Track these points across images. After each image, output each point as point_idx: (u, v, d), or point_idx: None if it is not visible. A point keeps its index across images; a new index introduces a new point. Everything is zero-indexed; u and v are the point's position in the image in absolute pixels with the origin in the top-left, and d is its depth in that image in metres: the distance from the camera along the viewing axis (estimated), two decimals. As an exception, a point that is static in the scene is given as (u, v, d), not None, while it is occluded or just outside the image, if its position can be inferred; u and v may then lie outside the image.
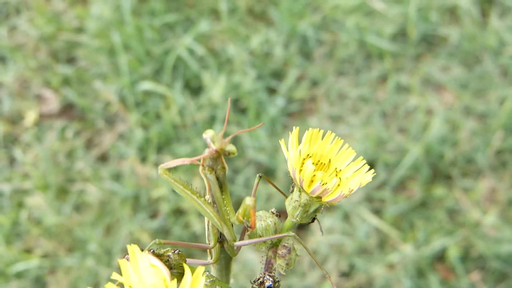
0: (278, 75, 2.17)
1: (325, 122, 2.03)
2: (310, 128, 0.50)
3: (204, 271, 0.39)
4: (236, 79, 2.08)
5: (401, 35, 2.20)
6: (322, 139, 0.50)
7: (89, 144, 2.08)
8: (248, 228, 0.46)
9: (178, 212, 1.90)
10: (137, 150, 2.01)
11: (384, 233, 1.79)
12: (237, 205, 0.46)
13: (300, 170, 0.47)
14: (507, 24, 2.14)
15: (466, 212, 1.81)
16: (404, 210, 1.82)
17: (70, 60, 2.27)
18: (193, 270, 0.44)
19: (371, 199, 1.87)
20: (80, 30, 2.30)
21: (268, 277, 0.46)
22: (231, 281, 0.53)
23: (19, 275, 1.81)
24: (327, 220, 1.82)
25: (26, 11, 2.35)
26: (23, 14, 2.34)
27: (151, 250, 0.44)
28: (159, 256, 0.44)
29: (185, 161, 0.44)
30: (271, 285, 0.45)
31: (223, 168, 0.45)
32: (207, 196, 0.48)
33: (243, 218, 0.45)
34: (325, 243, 1.79)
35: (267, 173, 1.93)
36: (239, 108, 2.07)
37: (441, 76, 2.08)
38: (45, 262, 1.81)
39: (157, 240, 0.45)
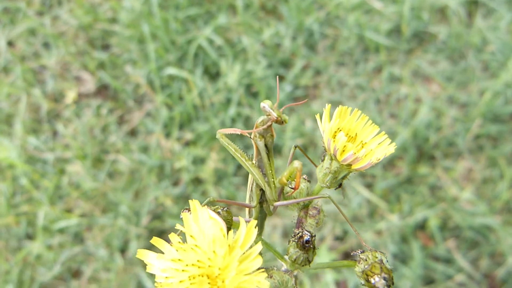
0: (286, 64, 2.18)
1: (326, 106, 2.04)
2: (340, 106, 0.49)
3: (256, 222, 0.39)
4: (249, 67, 2.09)
5: (395, 31, 2.19)
6: (350, 115, 0.50)
7: (120, 121, 2.11)
8: (290, 189, 0.47)
9: (197, 181, 1.94)
10: (162, 127, 2.03)
11: (374, 204, 1.81)
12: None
13: (333, 141, 0.47)
14: (490, 24, 2.13)
15: (446, 188, 1.83)
16: (392, 185, 1.84)
17: (105, 47, 2.29)
18: (236, 226, 0.44)
19: (364, 174, 1.89)
20: (113, 20, 2.31)
21: (306, 231, 0.46)
22: (261, 236, 0.54)
23: (61, 231, 1.86)
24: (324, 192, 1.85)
25: (67, 3, 2.36)
26: (64, 6, 2.35)
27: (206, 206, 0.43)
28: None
29: (239, 131, 0.44)
30: (309, 239, 0.46)
31: (272, 136, 0.45)
32: (254, 160, 0.48)
33: (287, 180, 0.45)
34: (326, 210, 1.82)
35: (276, 150, 1.95)
36: (251, 92, 2.09)
37: (429, 69, 2.08)
38: (83, 220, 1.86)
39: (212, 197, 0.45)
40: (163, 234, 1.85)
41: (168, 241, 0.42)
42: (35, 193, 1.91)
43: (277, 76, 0.47)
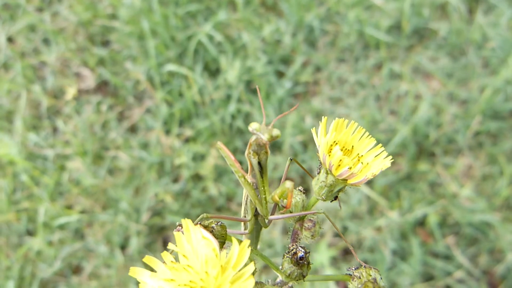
0: (286, 60, 2.18)
1: (326, 103, 2.05)
2: (336, 118, 0.49)
3: (248, 242, 0.39)
4: (249, 63, 2.08)
5: (396, 27, 2.18)
6: (346, 128, 0.50)
7: (120, 117, 2.11)
8: (282, 207, 0.47)
9: (197, 178, 1.94)
10: (162, 123, 2.03)
11: (374, 201, 1.82)
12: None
13: (329, 155, 0.47)
14: (490, 20, 2.12)
15: (446, 185, 1.83)
16: (392, 182, 1.85)
17: (105, 43, 2.28)
18: (231, 239, 0.44)
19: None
20: (113, 16, 2.30)
21: (300, 248, 0.46)
22: (258, 247, 0.54)
23: (61, 227, 1.86)
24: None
25: (66, -2, 2.35)
26: (64, 2, 2.34)
27: (199, 223, 0.44)
28: (205, 227, 0.44)
29: (232, 157, 0.44)
30: (303, 255, 0.46)
31: (266, 153, 0.45)
32: (248, 176, 0.48)
33: (279, 198, 0.45)
34: (322, 207, 1.82)
35: (276, 147, 1.95)
36: (251, 89, 2.08)
37: (429, 66, 2.07)
38: (83, 217, 1.86)
39: (205, 214, 0.45)
40: (163, 230, 1.86)
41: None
42: (36, 189, 1.92)
43: (257, 87, 0.47)
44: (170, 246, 0.40)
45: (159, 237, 1.86)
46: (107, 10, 2.31)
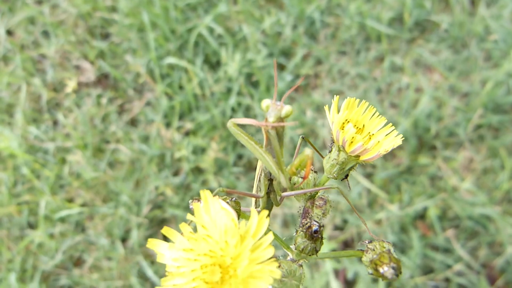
0: (287, 53, 2.17)
1: (326, 96, 2.04)
2: (348, 97, 0.49)
3: (267, 212, 0.39)
4: (250, 56, 2.07)
5: (397, 20, 2.17)
6: (357, 107, 0.50)
7: (121, 110, 2.11)
8: (299, 179, 0.47)
9: (197, 171, 1.94)
10: (163, 116, 2.03)
11: (374, 194, 1.82)
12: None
13: (342, 131, 0.47)
14: (493, 12, 2.10)
15: (446, 178, 1.82)
16: (393, 175, 1.85)
17: (105, 36, 2.27)
18: (243, 216, 0.45)
19: (364, 164, 1.88)
20: (113, 9, 2.29)
21: (314, 221, 0.47)
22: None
23: (62, 220, 1.87)
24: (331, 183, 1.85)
25: (66, -10, 2.34)
26: (63, -7, 2.33)
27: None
28: None
29: (253, 122, 0.43)
30: (317, 229, 0.46)
31: (283, 127, 0.45)
32: (265, 149, 0.47)
33: (296, 170, 0.44)
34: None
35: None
36: (251, 82, 2.08)
37: (431, 58, 2.06)
38: (84, 209, 1.87)
39: (221, 188, 0.45)
40: (163, 223, 1.86)
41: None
42: (37, 182, 1.92)
43: (274, 60, 0.47)
44: (189, 217, 0.40)
45: (159, 229, 1.86)
46: (106, 2, 2.29)
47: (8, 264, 1.80)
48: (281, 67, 2.14)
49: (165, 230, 0.41)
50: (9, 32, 2.30)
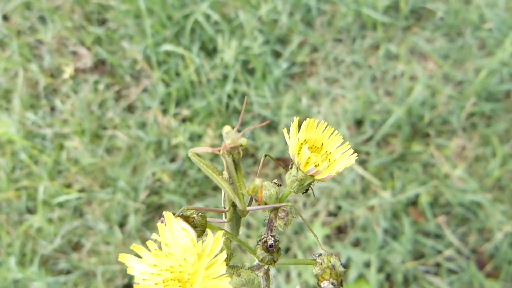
0: (283, 40, 2.17)
1: (322, 83, 2.05)
2: (307, 118, 0.53)
3: (222, 232, 0.44)
4: (246, 43, 2.08)
5: (393, 7, 2.17)
6: (316, 127, 0.54)
7: (118, 96, 2.12)
8: (255, 200, 0.52)
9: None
10: (159, 103, 2.04)
11: (367, 181, 1.84)
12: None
13: (298, 153, 0.51)
14: (488, 0, 2.11)
15: (439, 165, 1.85)
16: (386, 162, 1.87)
17: (101, 22, 2.27)
18: (212, 227, 0.50)
19: (358, 151, 1.91)
20: (109, -6, 2.28)
21: (270, 237, 0.51)
22: (240, 232, 0.59)
23: (61, 205, 1.90)
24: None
25: (62, -25, 2.32)
26: (59, -22, 2.32)
27: (181, 214, 0.49)
28: (186, 217, 0.49)
29: (209, 150, 0.48)
30: (272, 243, 0.51)
31: (239, 153, 0.49)
32: (225, 173, 0.52)
33: (252, 193, 0.50)
34: (316, 187, 1.85)
35: (272, 127, 1.97)
36: (247, 69, 2.09)
37: (426, 46, 2.07)
38: (82, 195, 1.89)
39: (185, 207, 0.50)
40: (160, 208, 1.89)
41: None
42: (35, 168, 1.94)
43: (245, 98, 0.51)
44: (154, 236, 0.45)
45: (156, 215, 1.89)
46: (103, -12, 2.28)
47: (8, 248, 1.83)
48: (277, 54, 2.15)
49: (134, 247, 0.46)
50: (5, 17, 2.29)
